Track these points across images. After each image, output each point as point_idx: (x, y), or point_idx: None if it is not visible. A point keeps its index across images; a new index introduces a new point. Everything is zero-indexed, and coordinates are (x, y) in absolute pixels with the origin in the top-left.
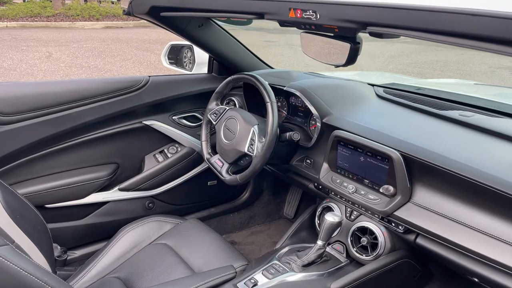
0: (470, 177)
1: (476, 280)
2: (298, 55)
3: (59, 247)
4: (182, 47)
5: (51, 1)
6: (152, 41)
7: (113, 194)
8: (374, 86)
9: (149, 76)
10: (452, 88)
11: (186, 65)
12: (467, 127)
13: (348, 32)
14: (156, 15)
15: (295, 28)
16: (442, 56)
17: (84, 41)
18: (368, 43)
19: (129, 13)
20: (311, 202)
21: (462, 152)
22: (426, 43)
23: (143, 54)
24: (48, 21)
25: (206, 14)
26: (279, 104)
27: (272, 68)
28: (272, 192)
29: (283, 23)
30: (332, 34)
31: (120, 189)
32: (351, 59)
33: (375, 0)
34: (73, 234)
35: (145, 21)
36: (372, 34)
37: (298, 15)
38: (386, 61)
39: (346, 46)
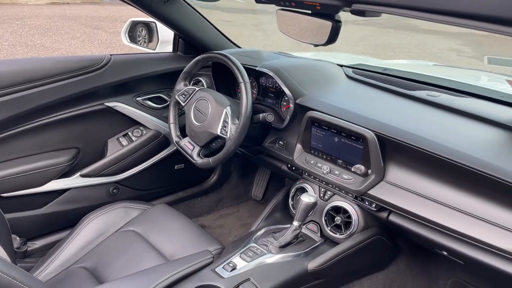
0: (441, 154)
1: (445, 253)
2: (256, 34)
3: (18, 238)
4: (144, 23)
5: None
6: (102, 18)
7: (75, 181)
8: (343, 67)
9: (111, 55)
10: (414, 69)
11: (148, 43)
12: (435, 106)
13: (330, 10)
14: None
15: (251, 7)
16: (395, 38)
17: (28, 18)
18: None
19: None
20: (280, 183)
21: (432, 131)
22: (378, 26)
23: (93, 32)
24: None
25: None
26: None
27: (240, 47)
28: (240, 174)
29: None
30: (310, 12)
31: (82, 175)
32: (332, 38)
33: None
34: (32, 224)
35: None
36: (354, 12)
37: None
38: (343, 43)
39: (327, 25)
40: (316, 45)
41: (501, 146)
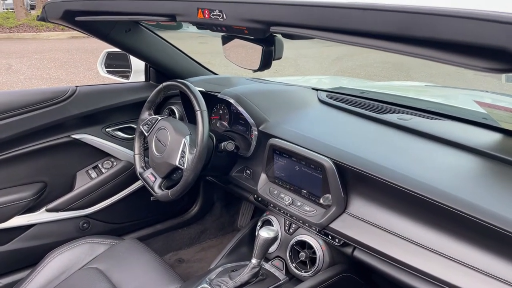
0: (401, 185)
1: None
2: None
3: None
4: (119, 54)
5: (14, 12)
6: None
7: (40, 216)
8: (318, 91)
9: (77, 86)
10: (402, 91)
11: (123, 74)
12: (404, 130)
13: (258, 34)
14: (72, 20)
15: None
16: (391, 57)
17: (48, 51)
18: (320, 44)
19: (43, 18)
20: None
21: (396, 158)
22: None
23: None
24: (11, 32)
25: (121, 17)
26: (221, 112)
27: (215, 74)
28: (224, 203)
29: (198, 26)
30: (250, 37)
31: (48, 210)
32: (266, 63)
33: None
34: None
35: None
36: (283, 35)
37: (206, 16)
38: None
39: (258, 49)
40: (254, 71)
41: (473, 175)
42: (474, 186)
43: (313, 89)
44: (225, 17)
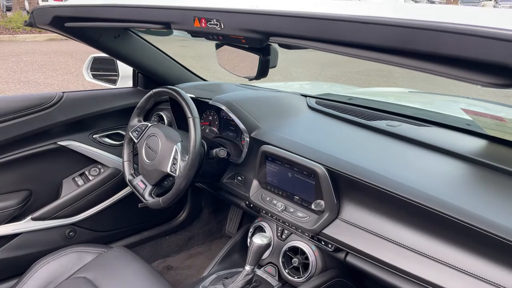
0: (392, 191)
1: None
2: None
3: None
4: (105, 59)
5: None
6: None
7: (26, 225)
8: (307, 97)
9: (63, 92)
10: (387, 96)
11: (110, 79)
12: (393, 137)
13: (255, 43)
14: (61, 26)
15: None
16: (376, 65)
17: (25, 54)
18: (311, 52)
19: (30, 24)
20: (253, 218)
21: (386, 164)
22: None
23: None
24: None
25: (114, 24)
26: (210, 118)
27: (204, 80)
28: (212, 209)
29: (192, 33)
30: (246, 46)
31: (34, 219)
32: (263, 72)
33: (277, 9)
34: None
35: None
36: (280, 45)
37: (203, 25)
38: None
39: (255, 58)
40: (250, 79)
41: (461, 181)
42: (464, 192)
43: (302, 95)
44: (222, 27)
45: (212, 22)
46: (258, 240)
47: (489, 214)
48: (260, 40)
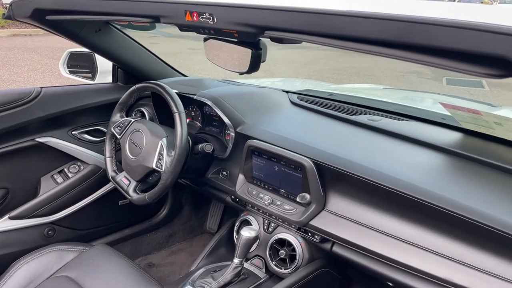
0: (378, 182)
1: (390, 284)
2: None
3: None
4: (82, 54)
5: None
6: (65, 49)
7: (3, 224)
8: (289, 93)
9: (41, 88)
10: (363, 93)
11: (88, 74)
12: (375, 131)
13: (248, 37)
14: (42, 19)
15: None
16: (357, 62)
17: None
18: (287, 50)
19: (9, 17)
20: (234, 213)
21: (370, 157)
22: (342, 50)
23: (55, 63)
24: None
25: (98, 17)
26: (193, 114)
27: (185, 76)
28: (193, 206)
29: (182, 27)
30: (235, 40)
31: (11, 218)
32: (254, 66)
33: (272, 3)
34: None
35: (32, 26)
36: (272, 39)
37: (195, 19)
38: (306, 67)
39: (247, 52)
40: (240, 73)
41: (440, 171)
42: (443, 181)
43: (283, 91)
44: (215, 20)
45: (204, 16)
46: (246, 233)
47: (465, 200)
48: (254, 34)
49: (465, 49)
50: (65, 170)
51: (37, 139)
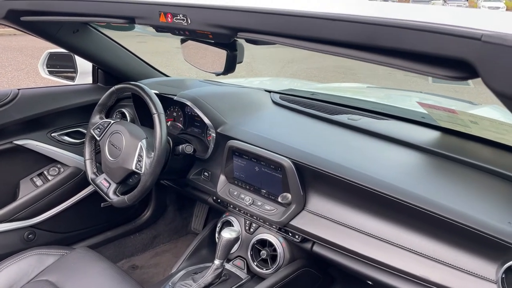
0: (355, 181)
1: (370, 283)
2: None
3: None
4: (62, 55)
5: None
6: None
7: None
8: (271, 93)
9: (19, 89)
10: (347, 92)
11: (67, 76)
12: (355, 130)
13: (222, 39)
14: (17, 20)
15: None
16: (344, 61)
17: None
18: (272, 48)
19: None
20: (219, 214)
21: (349, 156)
22: None
23: None
24: None
25: (73, 18)
26: (175, 114)
27: (167, 76)
28: (177, 207)
29: (158, 29)
30: (211, 41)
31: None
32: (230, 67)
33: (244, 4)
34: None
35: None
36: (247, 40)
37: (169, 20)
38: (294, 66)
39: (223, 54)
40: (217, 75)
41: (417, 170)
42: (420, 180)
43: (266, 91)
44: (189, 22)
45: (178, 17)
46: (227, 234)
47: (440, 199)
48: (228, 36)
49: (427, 51)
50: (45, 172)
51: (16, 142)
